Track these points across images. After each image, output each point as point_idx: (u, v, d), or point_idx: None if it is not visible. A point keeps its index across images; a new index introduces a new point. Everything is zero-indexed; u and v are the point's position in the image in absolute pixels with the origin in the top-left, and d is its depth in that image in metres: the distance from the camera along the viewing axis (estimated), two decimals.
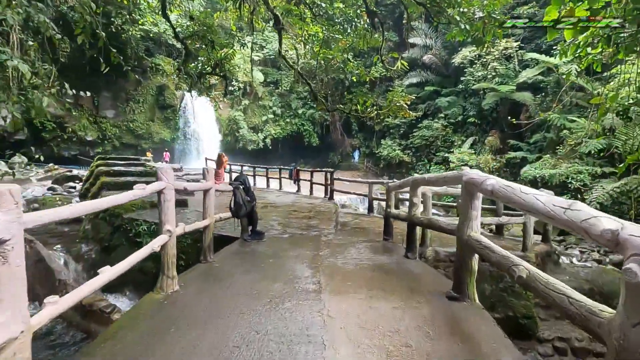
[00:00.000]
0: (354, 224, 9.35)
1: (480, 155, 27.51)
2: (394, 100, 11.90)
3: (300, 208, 10.35)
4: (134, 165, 13.81)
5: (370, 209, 11.40)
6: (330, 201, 12.24)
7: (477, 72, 27.28)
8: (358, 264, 4.61)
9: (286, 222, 8.18)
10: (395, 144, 33.58)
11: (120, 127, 30.18)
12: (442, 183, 3.91)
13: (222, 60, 14.99)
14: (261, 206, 10.41)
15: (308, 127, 36.81)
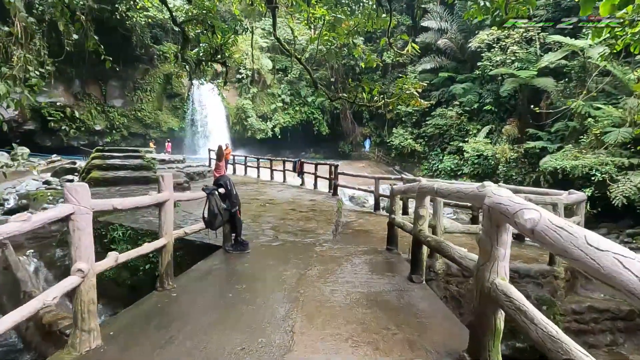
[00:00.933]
0: (357, 224, 8.44)
1: (496, 145, 26.04)
2: (404, 88, 10.80)
3: (300, 206, 9.48)
4: (131, 158, 13.11)
5: (376, 206, 10.46)
6: (334, 197, 11.33)
7: (496, 57, 25.59)
8: (350, 293, 3.71)
9: (280, 225, 7.32)
10: (407, 133, 32.24)
11: (128, 117, 29.67)
12: (455, 198, 2.98)
13: (222, 46, 14.04)
14: (259, 204, 9.60)
15: (318, 116, 35.69)
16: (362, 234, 7.50)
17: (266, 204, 9.67)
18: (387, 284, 4.02)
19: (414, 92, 10.74)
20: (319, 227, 7.20)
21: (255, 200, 10.28)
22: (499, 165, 25.19)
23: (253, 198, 10.64)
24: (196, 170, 15.30)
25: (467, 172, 27.35)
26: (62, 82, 26.54)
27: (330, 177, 12.13)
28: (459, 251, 3.10)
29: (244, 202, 9.97)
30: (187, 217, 7.47)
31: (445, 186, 3.35)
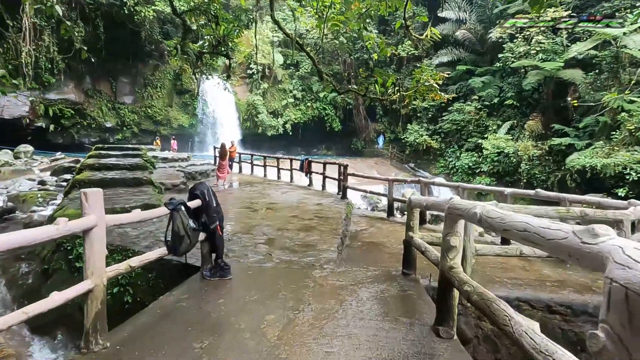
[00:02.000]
0: (367, 235, 7.27)
1: (518, 142, 24.34)
2: (422, 80, 9.51)
3: (304, 212, 8.35)
4: (129, 157, 12.25)
5: (390, 211, 9.25)
6: (343, 200, 10.16)
7: (519, 48, 23.79)
8: (351, 358, 2.58)
9: (277, 238, 6.21)
10: (423, 129, 30.70)
11: (138, 113, 29.06)
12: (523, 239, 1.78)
13: (225, 37, 12.97)
14: (259, 209, 8.52)
15: (330, 112, 34.45)
16: (372, 248, 6.33)
17: (267, 209, 8.59)
18: (403, 342, 2.85)
19: (433, 84, 9.45)
20: (322, 241, 6.06)
21: (256, 204, 9.22)
22: (521, 163, 23.52)
23: (254, 202, 9.58)
24: (199, 169, 14.35)
25: (485, 170, 25.75)
26: (72, 79, 26.06)
27: (339, 178, 10.96)
28: (521, 321, 1.89)
29: (243, 207, 8.92)
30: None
31: (497, 214, 2.12)
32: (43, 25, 22.89)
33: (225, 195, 10.49)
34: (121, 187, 8.61)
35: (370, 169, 28.23)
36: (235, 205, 8.94)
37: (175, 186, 10.02)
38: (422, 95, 9.96)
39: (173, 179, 10.44)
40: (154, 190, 8.78)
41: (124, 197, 7.47)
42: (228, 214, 7.88)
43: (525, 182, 23.81)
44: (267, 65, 31.51)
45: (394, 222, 8.70)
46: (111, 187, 8.54)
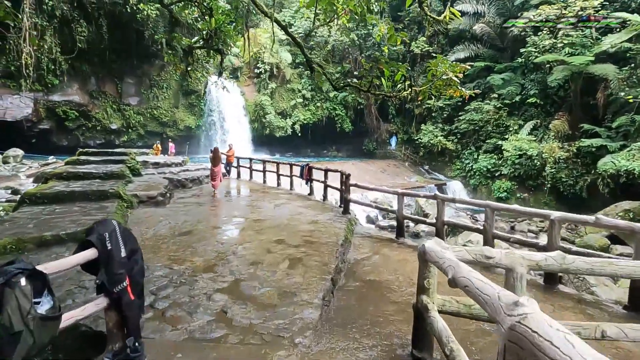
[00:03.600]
0: (369, 268, 5.60)
1: (542, 143, 22.14)
2: (439, 72, 7.77)
3: (293, 234, 6.73)
4: (111, 163, 10.89)
5: (399, 231, 7.53)
6: (344, 216, 8.49)
7: (543, 41, 21.55)
8: None
9: (246, 278, 4.60)
10: (438, 130, 28.66)
11: (144, 115, 27.99)
12: None
13: (218, 30, 11.48)
14: (240, 227, 6.96)
15: (340, 112, 32.72)
16: (373, 293, 4.66)
17: (249, 229, 7.00)
18: None
19: (452, 78, 7.70)
20: (305, 285, 4.43)
21: (237, 222, 7.64)
22: (546, 166, 21.34)
23: (237, 218, 8.01)
24: (191, 175, 12.89)
25: (506, 174, 23.64)
26: (77, 80, 25.13)
27: (341, 189, 9.29)
28: None
29: (221, 226, 7.31)
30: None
31: None
32: (45, 25, 21.92)
33: (207, 208, 8.96)
34: (80, 202, 7.18)
35: (382, 172, 26.42)
36: (213, 223, 7.39)
37: (152, 198, 8.57)
38: (438, 92, 8.21)
39: (151, 190, 8.99)
40: (119, 205, 7.32)
41: (71, 217, 6.02)
42: (198, 236, 6.35)
43: (550, 186, 21.64)
44: (275, 65, 30.02)
45: (404, 246, 6.98)
46: (68, 201, 7.12)
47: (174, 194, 10.57)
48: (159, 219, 7.46)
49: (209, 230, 6.86)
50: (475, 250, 2.81)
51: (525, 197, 23.19)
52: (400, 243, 7.23)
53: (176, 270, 4.79)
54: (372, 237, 7.68)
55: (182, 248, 5.75)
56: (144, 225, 6.90)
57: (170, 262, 5.08)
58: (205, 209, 8.78)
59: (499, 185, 23.69)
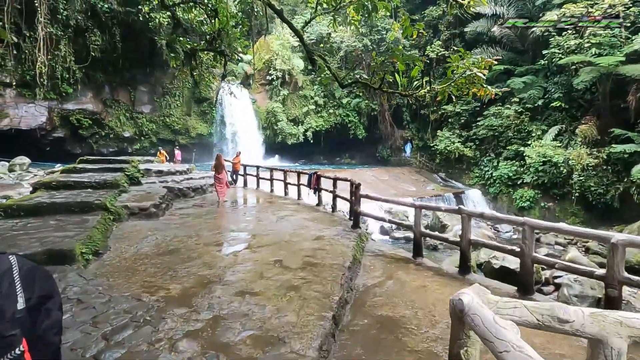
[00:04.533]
0: (382, 298, 4.60)
1: (569, 149, 20.61)
2: (462, 68, 6.77)
3: (294, 253, 5.79)
4: (110, 171, 10.24)
5: (417, 250, 6.48)
6: (354, 231, 7.50)
7: (569, 41, 20.16)
8: None
9: (228, 315, 3.67)
10: (455, 136, 27.33)
11: (157, 123, 27.75)
12: None
13: (221, 32, 10.79)
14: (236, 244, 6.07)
15: (353, 118, 31.78)
16: (386, 334, 3.66)
17: (245, 247, 6.10)
18: None
19: (477, 74, 6.68)
20: (300, 325, 3.47)
21: (233, 237, 6.75)
22: (573, 173, 19.80)
23: (234, 232, 7.13)
24: (195, 184, 12.16)
25: (528, 182, 22.15)
26: (91, 89, 25.06)
27: (351, 200, 8.32)
28: None
29: (213, 242, 6.25)
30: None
31: None
32: (59, 34, 21.91)
33: (204, 220, 8.11)
34: (60, 215, 6.45)
35: (396, 180, 25.27)
36: (205, 239, 6.52)
37: (144, 210, 7.79)
38: (460, 90, 7.21)
39: (145, 200, 8.22)
40: (103, 218, 6.56)
41: (40, 234, 5.26)
42: (185, 255, 5.48)
43: (578, 195, 20.06)
44: (287, 71, 29.41)
45: (422, 268, 5.94)
46: (47, 214, 6.40)
47: (172, 204, 9.81)
48: (147, 233, 6.65)
49: (198, 247, 5.99)
50: (541, 309, 1.81)
51: (550, 206, 21.66)
52: (418, 264, 6.19)
53: (145, 302, 3.91)
54: (385, 255, 6.66)
55: (161, 271, 4.88)
56: (127, 241, 6.09)
57: (142, 291, 4.21)
58: (201, 222, 7.94)
59: (521, 194, 22.21)
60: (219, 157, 11.20)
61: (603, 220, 19.84)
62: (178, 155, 20.62)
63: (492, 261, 10.51)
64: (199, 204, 10.42)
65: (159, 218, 7.99)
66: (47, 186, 8.09)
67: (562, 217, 21.23)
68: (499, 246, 5.26)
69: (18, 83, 21.59)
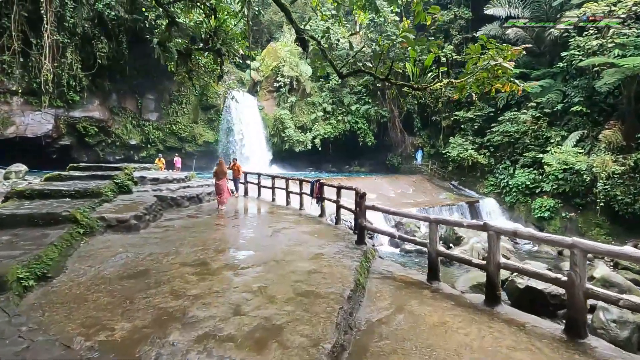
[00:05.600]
0: (389, 337, 3.55)
1: (592, 156, 19.16)
2: (483, 60, 5.73)
3: (285, 275, 4.76)
4: (98, 178, 9.44)
5: (433, 273, 5.38)
6: (359, 247, 6.43)
7: (590, 42, 18.86)
8: None
9: None
10: (468, 142, 26.03)
11: (163, 130, 27.23)
12: None
13: (218, 30, 10.01)
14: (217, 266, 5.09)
15: (363, 125, 30.77)
16: None
17: (225, 268, 5.07)
18: None
19: (503, 65, 5.63)
20: None
21: (217, 256, 5.73)
22: (597, 181, 18.33)
23: (220, 249, 6.12)
24: (191, 192, 11.27)
25: (548, 190, 20.70)
26: (98, 96, 24.71)
27: (355, 211, 7.26)
28: None
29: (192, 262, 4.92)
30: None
31: None
32: (66, 42, 21.62)
33: (189, 234, 7.14)
34: (21, 228, 5.58)
35: (407, 188, 24.06)
36: (183, 257, 5.54)
37: (123, 222, 6.88)
38: (482, 85, 6.15)
39: (127, 211, 7.32)
40: (70, 232, 5.67)
41: None
42: (152, 280, 4.51)
43: (603, 205, 18.54)
44: (294, 78, 28.68)
45: (440, 297, 4.84)
46: (5, 227, 5.53)
47: (162, 215, 8.90)
48: (118, 250, 5.71)
49: (172, 269, 5.01)
50: None
51: (572, 216, 20.14)
52: (434, 290, 5.08)
53: (73, 351, 2.92)
54: (394, 278, 5.57)
55: (115, 301, 3.91)
56: (90, 260, 5.16)
57: (78, 332, 3.23)
58: (187, 235, 6.98)
59: (540, 203, 20.76)
60: (220, 163, 10.51)
61: (631, 231, 18.26)
62: (177, 162, 19.89)
63: (516, 280, 9.29)
64: (192, 215, 9.50)
65: (139, 231, 7.06)
66: (20, 195, 7.27)
67: (586, 229, 19.70)
68: (542, 274, 4.11)
69: (25, 91, 21.28)
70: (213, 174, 10.81)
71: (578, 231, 19.79)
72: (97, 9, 22.23)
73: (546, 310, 8.66)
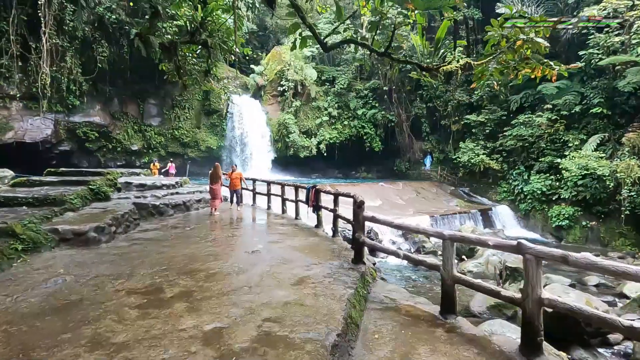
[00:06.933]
0: None
1: (614, 160, 17.62)
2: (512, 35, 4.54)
3: (254, 309, 3.57)
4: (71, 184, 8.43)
5: (447, 306, 4.13)
6: (356, 268, 5.22)
7: (612, 39, 17.44)
8: None
9: None
10: (479, 147, 24.60)
11: (165, 136, 26.46)
12: None
13: (206, 21, 9.02)
14: (173, 295, 3.94)
15: (369, 130, 29.57)
16: None
17: (180, 298, 3.92)
18: None
19: (537, 42, 4.45)
20: None
21: (179, 279, 4.58)
22: (622, 188, 16.77)
23: (184, 269, 4.98)
24: (178, 200, 10.18)
25: (566, 198, 19.14)
26: (99, 101, 24.07)
27: (353, 222, 6.05)
28: None
29: (152, 282, 3.93)
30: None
31: None
32: (66, 46, 21.02)
33: (158, 248, 6.01)
34: None
35: (416, 195, 22.71)
36: (134, 282, 4.39)
37: (80, 235, 5.81)
38: (507, 69, 4.95)
39: (89, 222, 6.25)
40: None
41: None
42: (80, 315, 3.39)
43: (628, 213, 16.93)
44: (299, 82, 27.72)
45: (457, 339, 3.60)
46: None
47: (138, 225, 7.83)
48: (57, 271, 4.61)
49: (112, 299, 3.87)
50: None
51: (593, 225, 18.55)
52: (450, 330, 3.84)
53: None
54: (398, 310, 4.33)
55: (14, 353, 2.78)
56: (11, 287, 4.06)
57: None
58: (152, 251, 5.86)
59: (558, 211, 19.22)
60: (216, 167, 9.58)
61: None
62: (171, 168, 18.91)
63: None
64: (173, 224, 8.40)
65: (100, 245, 5.97)
66: None
67: (609, 239, 18.09)
68: (608, 319, 2.85)
69: (24, 96, 20.68)
70: (209, 176, 10.05)
71: (600, 241, 18.21)
72: (98, 12, 21.68)
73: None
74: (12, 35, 19.14)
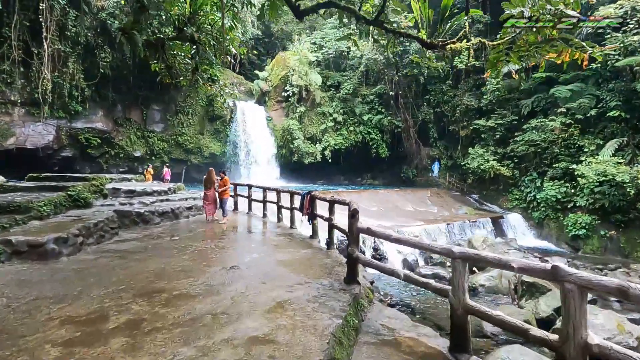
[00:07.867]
0: None
1: (635, 166, 16.46)
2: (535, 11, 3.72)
3: (210, 350, 2.78)
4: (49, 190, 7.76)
5: (459, 341, 3.26)
6: (349, 288, 4.37)
7: (631, 38, 16.42)
8: None
9: None
10: (489, 153, 23.55)
11: (168, 142, 25.99)
12: None
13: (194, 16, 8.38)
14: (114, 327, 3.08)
15: (375, 136, 28.72)
16: None
17: (122, 332, 3.14)
18: None
19: (568, 13, 3.62)
20: None
21: (130, 304, 3.80)
22: None
23: (142, 291, 4.19)
24: (167, 207, 9.45)
25: (583, 205, 17.97)
26: (101, 107, 23.75)
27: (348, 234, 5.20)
28: None
29: (75, 318, 3.13)
30: None
31: None
32: (68, 51, 20.76)
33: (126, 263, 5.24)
34: None
35: (424, 202, 21.72)
36: (74, 309, 3.61)
37: (37, 247, 5.09)
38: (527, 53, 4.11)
39: (51, 232, 5.53)
40: None
41: None
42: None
43: None
44: (304, 87, 27.10)
45: None
46: None
47: (116, 234, 7.10)
48: None
49: (38, 332, 3.09)
50: None
51: (612, 235, 17.32)
52: None
53: None
54: (397, 345, 3.46)
55: None
56: None
57: None
58: (117, 266, 5.09)
59: (574, 220, 18.04)
60: (210, 172, 8.92)
61: None
62: (167, 174, 18.31)
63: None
64: (157, 234, 7.65)
65: (60, 259, 5.23)
66: None
67: (630, 249, 16.83)
68: None
69: (26, 101, 20.42)
70: (204, 182, 9.38)
71: (620, 252, 16.96)
72: (100, 18, 21.44)
73: None
74: (14, 41, 18.92)
